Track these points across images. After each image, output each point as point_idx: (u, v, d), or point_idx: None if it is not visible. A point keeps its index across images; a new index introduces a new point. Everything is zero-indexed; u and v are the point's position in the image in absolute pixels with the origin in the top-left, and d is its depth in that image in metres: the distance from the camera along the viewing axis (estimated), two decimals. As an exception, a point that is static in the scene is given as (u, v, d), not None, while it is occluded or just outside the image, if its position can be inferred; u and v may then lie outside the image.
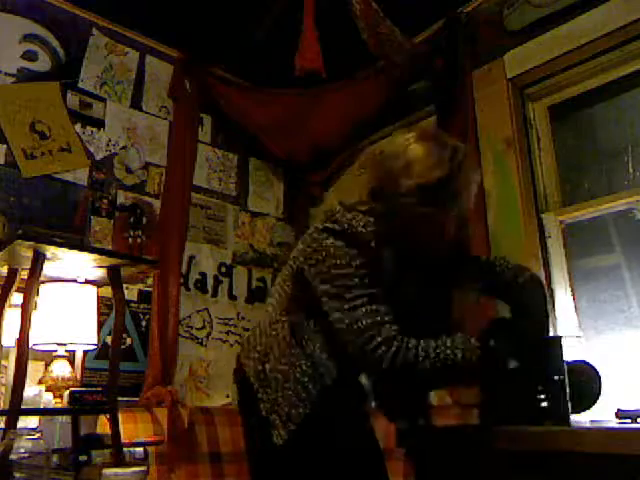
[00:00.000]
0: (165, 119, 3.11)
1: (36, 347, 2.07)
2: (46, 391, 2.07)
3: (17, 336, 1.86)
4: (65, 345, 2.15)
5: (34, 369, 2.16)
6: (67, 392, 1.99)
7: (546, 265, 2.43)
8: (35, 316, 1.94)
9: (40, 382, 2.13)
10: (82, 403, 1.98)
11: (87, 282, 2.20)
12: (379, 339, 1.25)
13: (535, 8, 2.55)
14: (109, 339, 2.42)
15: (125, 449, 2.03)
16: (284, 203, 3.55)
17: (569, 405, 1.36)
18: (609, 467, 1.21)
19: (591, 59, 2.39)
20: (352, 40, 2.50)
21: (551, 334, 1.61)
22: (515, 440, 1.35)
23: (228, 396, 2.93)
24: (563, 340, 1.40)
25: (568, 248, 2.44)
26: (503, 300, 1.55)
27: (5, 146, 2.51)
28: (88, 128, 2.81)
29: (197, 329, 2.98)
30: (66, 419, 2.19)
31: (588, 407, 1.60)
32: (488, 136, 2.63)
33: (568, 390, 1.36)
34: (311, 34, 2.41)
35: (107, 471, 1.66)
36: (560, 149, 2.57)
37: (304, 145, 3.26)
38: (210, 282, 3.10)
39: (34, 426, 2.12)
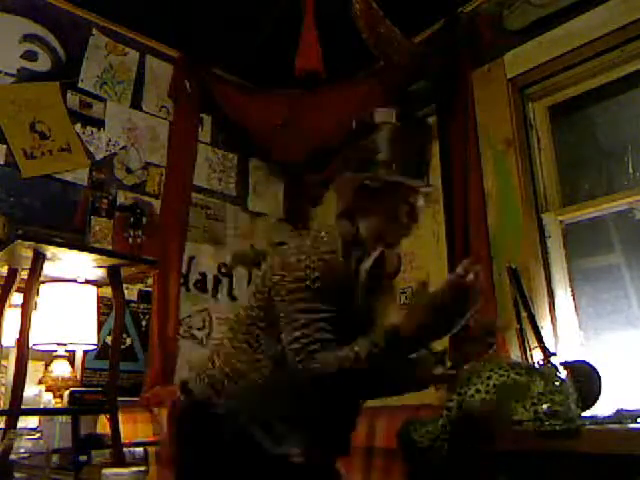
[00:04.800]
0: (165, 119, 3.11)
1: (36, 347, 2.07)
2: (46, 391, 2.08)
3: (17, 336, 1.86)
4: (65, 345, 2.15)
5: (34, 369, 2.15)
6: (67, 392, 2.00)
7: (546, 265, 2.43)
8: (35, 316, 1.94)
9: (40, 382, 2.13)
10: (82, 403, 1.99)
11: (87, 282, 2.20)
12: None
13: (535, 8, 2.55)
14: (109, 339, 2.42)
15: (125, 449, 2.04)
16: (284, 203, 3.55)
17: None
18: (609, 467, 1.21)
19: (591, 59, 2.39)
20: (352, 40, 2.50)
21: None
22: (516, 440, 1.35)
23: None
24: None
25: (568, 248, 2.44)
26: None
27: (5, 146, 2.51)
28: (88, 128, 2.80)
29: (197, 329, 2.98)
30: (66, 419, 2.19)
31: (588, 407, 1.60)
32: (488, 136, 2.63)
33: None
34: (311, 34, 2.41)
35: (107, 471, 1.66)
36: (560, 149, 2.57)
37: (304, 145, 3.25)
38: (210, 282, 3.09)
39: (34, 426, 2.12)
